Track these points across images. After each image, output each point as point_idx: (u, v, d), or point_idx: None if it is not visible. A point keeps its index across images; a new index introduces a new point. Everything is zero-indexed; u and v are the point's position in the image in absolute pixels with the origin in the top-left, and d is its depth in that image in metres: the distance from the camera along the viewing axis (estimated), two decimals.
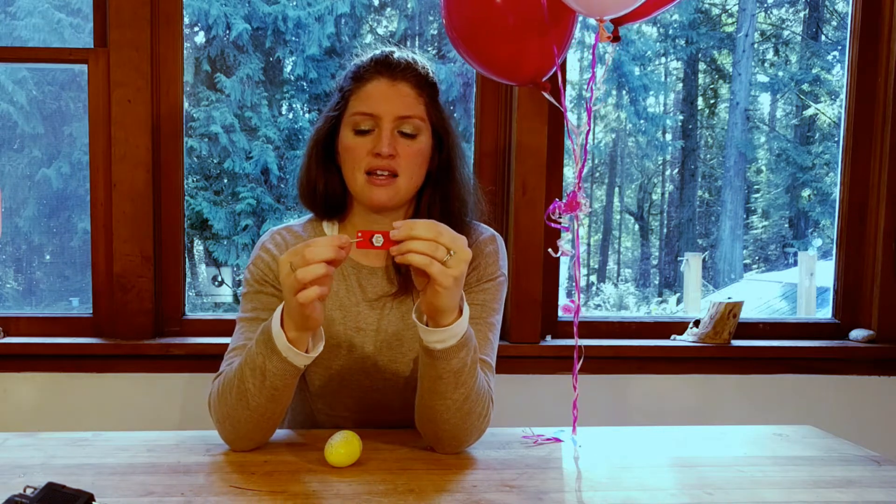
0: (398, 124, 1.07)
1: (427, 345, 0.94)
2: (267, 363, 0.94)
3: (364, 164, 1.07)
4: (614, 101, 7.67)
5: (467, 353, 0.95)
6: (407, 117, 1.07)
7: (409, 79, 1.09)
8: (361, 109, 1.08)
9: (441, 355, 0.94)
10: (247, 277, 1.13)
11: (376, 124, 1.07)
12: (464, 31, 1.17)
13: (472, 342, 0.96)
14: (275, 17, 5.94)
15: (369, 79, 1.09)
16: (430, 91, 1.12)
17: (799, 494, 0.91)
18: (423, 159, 1.11)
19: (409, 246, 0.86)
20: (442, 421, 0.99)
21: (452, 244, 0.87)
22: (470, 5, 1.14)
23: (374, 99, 1.08)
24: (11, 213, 5.25)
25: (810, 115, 8.00)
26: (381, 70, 1.09)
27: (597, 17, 1.04)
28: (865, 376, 1.85)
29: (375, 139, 1.07)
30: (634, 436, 1.17)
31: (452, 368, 0.95)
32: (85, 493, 0.77)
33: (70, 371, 1.70)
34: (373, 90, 1.08)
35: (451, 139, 1.14)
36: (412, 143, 1.08)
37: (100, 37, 1.71)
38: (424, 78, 1.11)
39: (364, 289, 1.14)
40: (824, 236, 7.51)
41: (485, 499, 0.87)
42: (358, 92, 1.09)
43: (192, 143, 5.72)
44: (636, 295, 8.38)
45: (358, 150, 1.08)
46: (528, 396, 1.76)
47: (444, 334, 0.92)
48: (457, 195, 1.14)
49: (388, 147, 1.05)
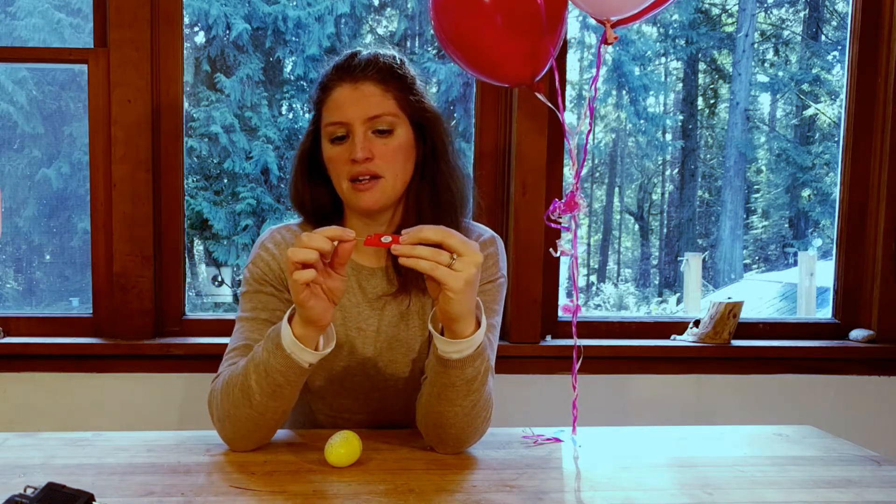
0: (370, 125, 1.06)
1: (442, 354, 0.93)
2: (271, 359, 0.94)
3: (345, 172, 1.07)
4: (614, 101, 7.67)
5: (482, 363, 0.95)
6: (376, 117, 1.06)
7: (371, 77, 1.07)
8: (332, 119, 1.07)
9: (456, 364, 0.93)
10: (246, 277, 1.13)
11: (348, 130, 1.07)
12: (451, 32, 1.16)
13: (486, 352, 0.96)
14: (275, 17, 5.95)
15: (333, 87, 1.08)
16: (399, 83, 1.09)
17: (799, 494, 0.91)
18: (405, 154, 1.09)
19: (413, 251, 0.86)
20: (449, 426, 0.99)
21: (461, 248, 0.86)
22: (458, 5, 1.14)
23: (341, 106, 1.06)
24: (11, 213, 5.25)
25: (810, 115, 8.00)
26: (342, 75, 1.08)
27: (604, 18, 1.04)
28: (865, 376, 1.85)
29: (350, 146, 1.06)
30: (634, 436, 1.17)
31: (466, 377, 0.95)
32: (85, 493, 0.77)
33: (70, 371, 1.70)
34: (338, 97, 1.07)
35: (434, 126, 1.12)
36: (389, 140, 1.07)
37: (100, 37, 1.71)
38: (389, 71, 1.09)
39: (364, 290, 1.14)
40: (824, 236, 7.51)
41: (485, 499, 0.87)
42: (326, 102, 1.09)
43: (192, 143, 5.72)
44: (636, 295, 8.38)
45: (337, 160, 1.08)
46: (528, 396, 1.76)
47: (461, 345, 0.92)
48: (445, 185, 1.12)
49: (362, 151, 1.04)
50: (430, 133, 1.12)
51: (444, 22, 1.16)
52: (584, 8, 1.05)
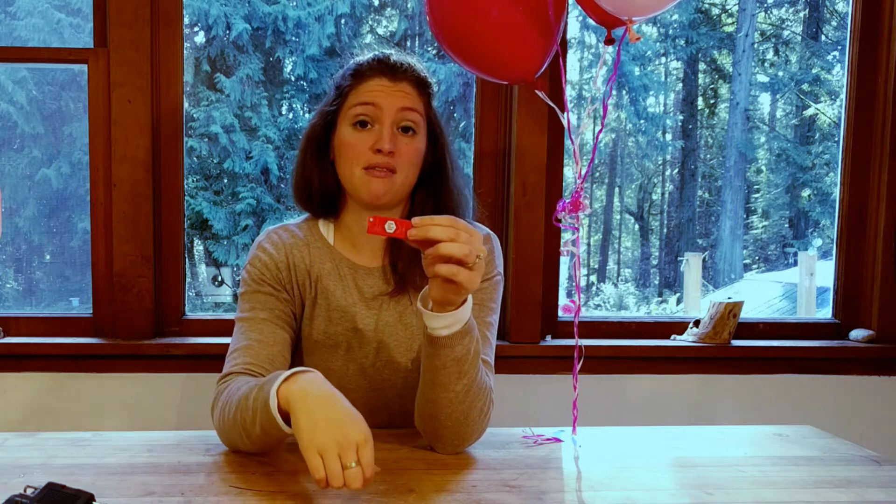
0: (399, 118, 1.08)
1: (431, 332, 0.94)
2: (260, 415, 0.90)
3: (364, 160, 1.07)
4: (614, 101, 7.67)
5: (470, 341, 0.96)
6: (409, 108, 1.09)
7: (410, 79, 1.11)
8: (363, 100, 1.08)
9: (445, 342, 0.94)
10: (244, 277, 1.14)
11: (377, 119, 1.08)
12: (447, 28, 1.16)
13: (474, 331, 0.97)
14: (275, 17, 5.95)
15: (371, 76, 1.10)
16: (427, 95, 1.14)
17: (799, 494, 0.91)
18: (419, 158, 1.12)
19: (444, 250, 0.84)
20: (444, 416, 0.99)
21: (479, 245, 0.87)
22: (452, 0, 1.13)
23: (376, 92, 1.09)
24: (11, 213, 5.25)
25: (810, 115, 8.01)
26: (383, 69, 1.10)
27: (625, 18, 1.04)
28: (865, 376, 1.85)
29: (377, 135, 1.07)
30: (634, 436, 1.17)
31: (456, 356, 0.95)
32: (85, 493, 0.77)
33: (70, 371, 1.70)
34: (374, 86, 1.09)
35: (444, 140, 1.16)
36: (411, 140, 1.09)
37: (100, 37, 1.71)
38: (423, 80, 1.13)
39: (361, 289, 1.14)
40: (824, 236, 7.52)
41: (485, 499, 0.87)
42: (358, 87, 1.10)
43: (192, 143, 5.72)
44: (636, 295, 8.38)
45: (358, 146, 1.08)
46: (528, 396, 1.76)
47: (449, 319, 0.93)
48: (449, 196, 1.15)
49: (390, 143, 1.06)
50: (440, 145, 1.15)
51: (440, 16, 1.16)
52: (605, 7, 1.04)
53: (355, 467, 0.80)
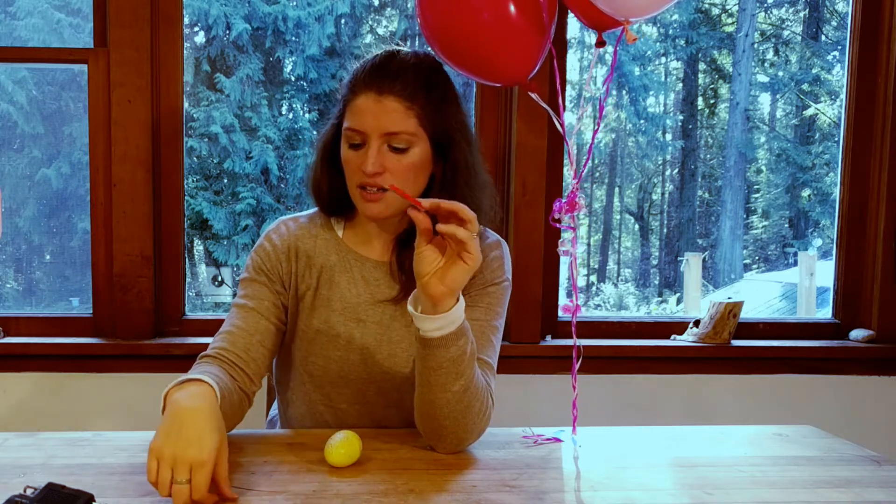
0: (386, 140, 1.06)
1: (424, 334, 0.95)
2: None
3: (356, 178, 1.08)
4: (614, 100, 7.68)
5: (465, 343, 0.96)
6: (394, 134, 1.05)
7: (398, 91, 1.05)
8: (351, 125, 1.07)
9: (439, 343, 0.94)
10: (247, 263, 1.16)
11: (364, 140, 1.06)
12: (439, 31, 1.15)
13: (469, 334, 0.97)
14: (275, 17, 5.95)
15: (359, 92, 1.06)
16: (426, 98, 1.07)
17: (799, 494, 0.91)
18: (417, 171, 1.08)
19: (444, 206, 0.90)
20: (442, 416, 0.99)
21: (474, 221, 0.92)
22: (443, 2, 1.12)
23: (362, 115, 1.05)
24: (11, 213, 5.25)
25: (810, 115, 8.01)
26: (370, 83, 1.06)
27: (622, 19, 1.04)
28: (865, 376, 1.85)
29: (363, 155, 1.06)
30: (634, 436, 1.17)
31: (451, 356, 0.95)
32: (85, 493, 0.77)
33: (70, 371, 1.70)
34: (361, 105, 1.06)
35: (457, 144, 1.10)
36: (402, 157, 1.06)
37: (100, 37, 1.71)
38: (419, 84, 1.07)
39: (367, 281, 1.15)
40: (824, 236, 7.52)
41: (485, 499, 0.87)
42: (350, 105, 1.08)
43: (192, 143, 5.72)
44: (636, 295, 8.39)
45: (351, 164, 1.08)
46: (528, 396, 1.76)
47: (441, 321, 0.93)
48: (465, 201, 1.10)
49: (373, 166, 1.04)
50: (453, 152, 1.10)
51: (432, 19, 1.14)
52: (603, 8, 1.04)
53: (184, 484, 0.82)
